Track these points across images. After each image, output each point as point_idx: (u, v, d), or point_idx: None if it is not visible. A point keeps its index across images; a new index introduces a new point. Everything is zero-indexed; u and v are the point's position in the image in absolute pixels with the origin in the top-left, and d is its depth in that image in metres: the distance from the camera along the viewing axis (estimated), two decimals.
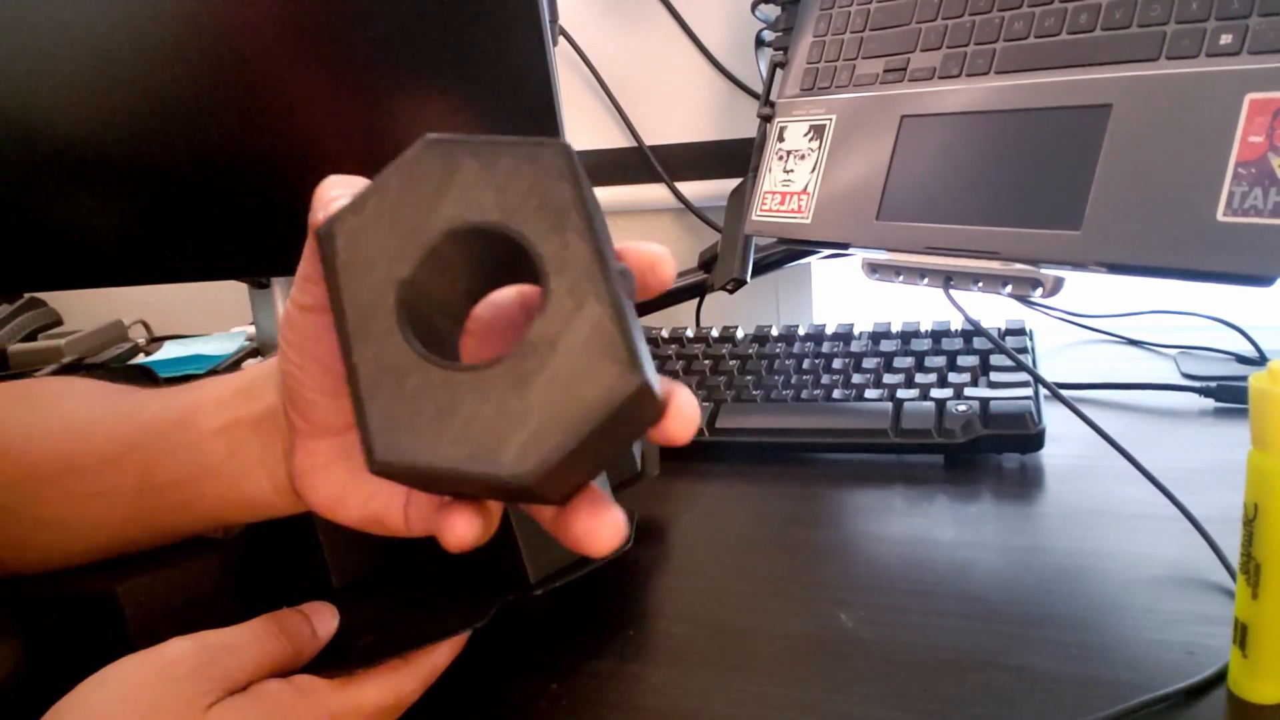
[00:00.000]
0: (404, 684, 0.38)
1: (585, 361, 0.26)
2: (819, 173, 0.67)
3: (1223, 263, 0.46)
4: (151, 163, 0.82)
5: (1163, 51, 0.51)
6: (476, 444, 0.26)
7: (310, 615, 0.39)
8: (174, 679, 0.33)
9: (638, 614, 0.48)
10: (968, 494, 0.56)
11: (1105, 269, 0.51)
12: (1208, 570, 0.45)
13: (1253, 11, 0.48)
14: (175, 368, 0.93)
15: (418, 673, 0.38)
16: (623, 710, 0.41)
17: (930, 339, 0.70)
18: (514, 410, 0.26)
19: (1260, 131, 0.46)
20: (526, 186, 0.28)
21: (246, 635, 0.36)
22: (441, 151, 0.29)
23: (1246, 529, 0.35)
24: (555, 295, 0.26)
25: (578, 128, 0.98)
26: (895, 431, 0.60)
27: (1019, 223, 0.55)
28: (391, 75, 0.75)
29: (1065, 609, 0.44)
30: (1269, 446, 0.34)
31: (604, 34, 0.96)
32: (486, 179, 0.28)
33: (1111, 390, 0.67)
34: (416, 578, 0.45)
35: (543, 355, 0.26)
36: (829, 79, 0.69)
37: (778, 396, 0.65)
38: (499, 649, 0.46)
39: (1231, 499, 0.36)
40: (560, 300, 0.26)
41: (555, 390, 0.26)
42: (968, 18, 0.61)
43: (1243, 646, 0.36)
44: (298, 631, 0.38)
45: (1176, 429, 0.61)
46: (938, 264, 0.59)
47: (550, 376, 0.26)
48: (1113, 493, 0.53)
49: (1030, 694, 0.38)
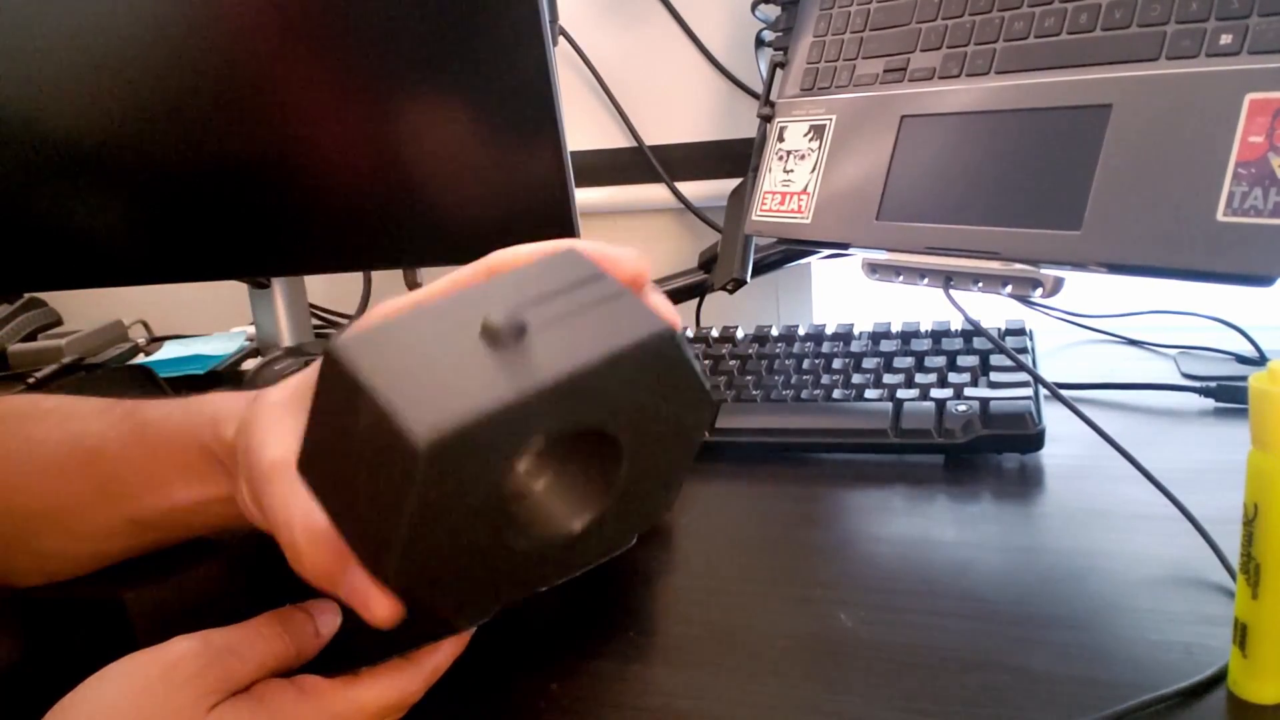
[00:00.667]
0: (407, 683, 0.38)
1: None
2: (819, 173, 0.67)
3: (1223, 263, 0.46)
4: (151, 163, 0.82)
5: (1163, 51, 0.51)
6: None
7: (313, 613, 0.39)
8: (177, 681, 0.33)
9: (638, 614, 0.48)
10: (968, 494, 0.56)
11: (1105, 269, 0.51)
12: (1207, 570, 0.45)
13: (1253, 11, 0.48)
14: (175, 368, 0.93)
15: (420, 671, 0.38)
16: (623, 710, 0.41)
17: (930, 339, 0.70)
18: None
19: (1260, 131, 0.46)
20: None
21: (250, 634, 0.36)
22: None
23: (1246, 529, 0.35)
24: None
25: (578, 128, 0.98)
26: (895, 431, 0.60)
27: (1019, 223, 0.55)
28: (391, 75, 0.74)
29: (1065, 609, 0.44)
30: (1269, 447, 0.34)
31: (604, 34, 0.96)
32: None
33: (1111, 390, 0.67)
34: None
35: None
36: (829, 79, 0.69)
37: (778, 396, 0.65)
38: (499, 649, 0.46)
39: (1231, 499, 0.36)
40: None
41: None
42: (968, 18, 0.61)
43: (1242, 647, 0.36)
44: (300, 629, 0.38)
45: (1176, 429, 0.61)
46: (938, 264, 0.59)
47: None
48: (1113, 493, 0.53)
49: (1030, 694, 0.38)
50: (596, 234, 1.02)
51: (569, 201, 0.74)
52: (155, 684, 0.33)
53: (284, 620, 0.37)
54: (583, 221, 0.78)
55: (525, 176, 0.74)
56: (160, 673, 0.33)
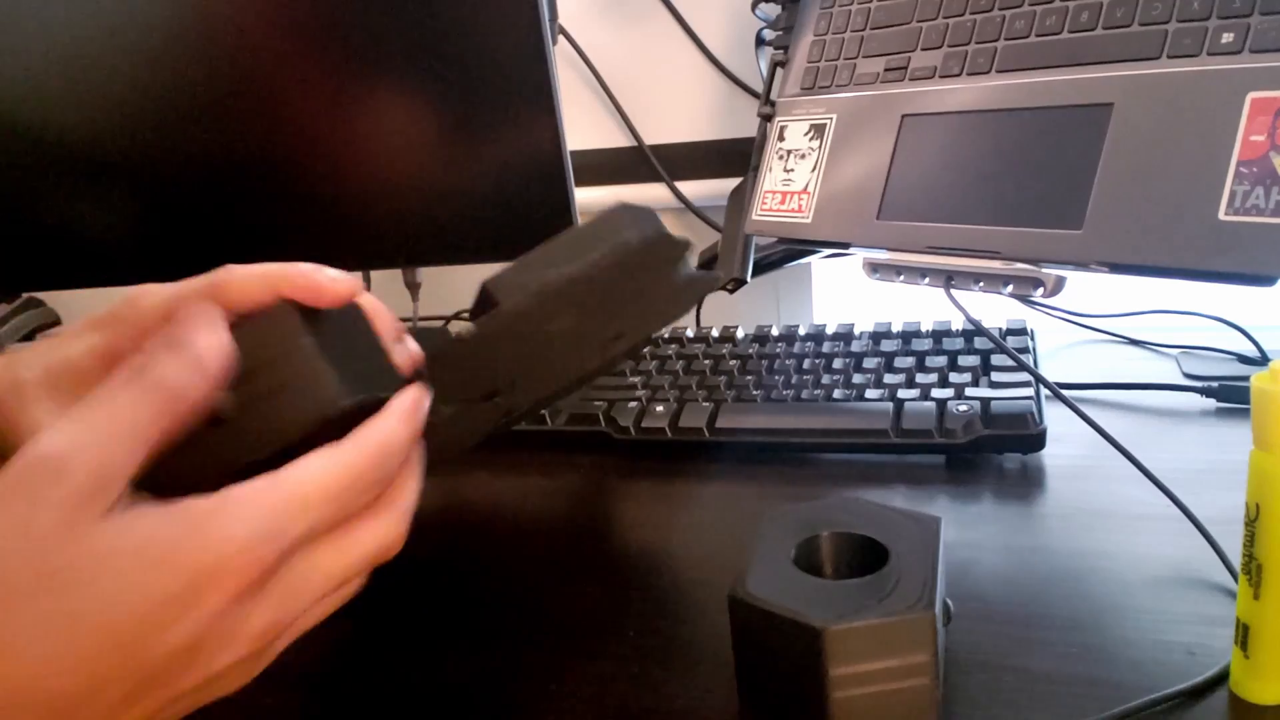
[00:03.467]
0: (354, 463, 0.31)
1: None
2: (819, 172, 0.67)
3: (1224, 262, 0.46)
4: (151, 163, 0.82)
5: (1164, 50, 0.51)
6: None
7: (184, 328, 0.30)
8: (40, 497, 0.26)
9: (638, 614, 0.47)
10: (969, 494, 0.56)
11: (1107, 268, 0.51)
12: (1209, 571, 0.45)
13: (1254, 10, 0.48)
14: None
15: (363, 451, 0.31)
16: (623, 710, 0.40)
17: (931, 339, 0.70)
18: None
19: (1262, 130, 0.46)
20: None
21: (108, 412, 0.28)
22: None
23: (1248, 529, 0.35)
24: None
25: (578, 127, 0.98)
26: (896, 432, 0.60)
27: (1020, 222, 0.54)
28: (391, 75, 0.74)
29: (1066, 609, 0.44)
30: (1270, 447, 0.34)
31: (604, 33, 0.96)
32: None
33: (1113, 390, 0.67)
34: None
35: None
36: (829, 78, 0.69)
37: (778, 396, 0.65)
38: (499, 649, 0.46)
39: (1233, 499, 0.36)
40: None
41: None
42: (969, 16, 0.61)
43: (1244, 647, 0.36)
44: (175, 375, 0.29)
45: (1178, 429, 0.61)
46: (939, 263, 0.59)
47: None
48: (1114, 493, 0.53)
49: (1031, 694, 0.38)
50: None
51: (569, 201, 0.74)
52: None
53: (144, 373, 0.29)
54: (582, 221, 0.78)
55: (525, 176, 0.74)
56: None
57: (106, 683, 0.27)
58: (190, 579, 0.27)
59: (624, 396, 0.68)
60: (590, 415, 0.67)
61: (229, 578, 0.28)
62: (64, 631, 0.26)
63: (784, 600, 0.37)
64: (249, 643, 0.29)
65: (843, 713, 0.36)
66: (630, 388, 0.70)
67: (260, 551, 0.28)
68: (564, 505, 0.61)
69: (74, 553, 0.26)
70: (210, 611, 0.28)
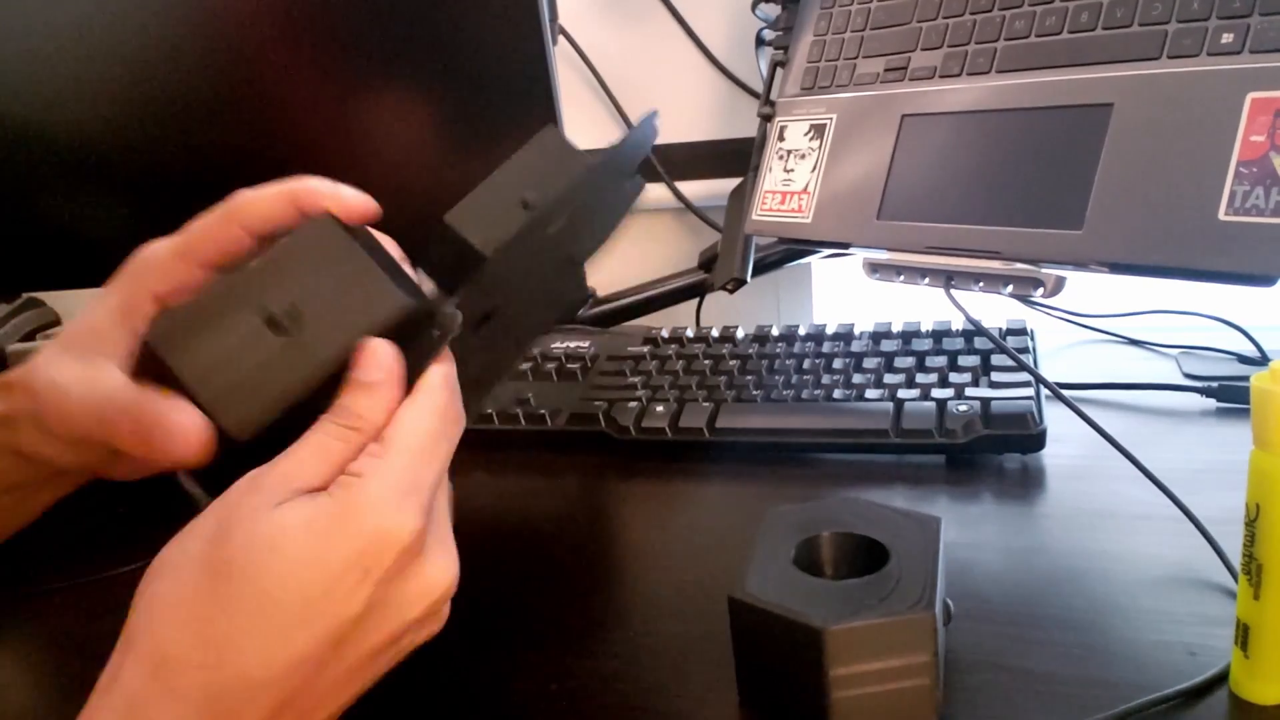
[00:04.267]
0: (435, 404, 0.33)
1: None
2: (819, 172, 0.67)
3: (1224, 262, 0.46)
4: (151, 163, 0.82)
5: (1164, 50, 0.51)
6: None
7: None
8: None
9: (638, 614, 0.47)
10: (969, 494, 0.56)
11: (1107, 268, 0.51)
12: (1209, 571, 0.45)
13: (1254, 10, 0.48)
14: None
15: (434, 390, 0.33)
16: (622, 710, 0.41)
17: (931, 339, 0.70)
18: None
19: (1262, 131, 0.46)
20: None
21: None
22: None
23: (1248, 529, 0.35)
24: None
25: (578, 127, 0.97)
26: (896, 432, 0.60)
27: (1020, 222, 0.54)
28: (391, 74, 0.74)
29: (1066, 609, 0.44)
30: (1270, 447, 0.34)
31: (604, 33, 0.96)
32: None
33: (1113, 390, 0.67)
34: None
35: None
36: (829, 78, 0.69)
37: (778, 396, 0.65)
38: (499, 649, 0.46)
39: (1233, 499, 0.36)
40: None
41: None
42: (968, 17, 0.61)
43: (1244, 647, 0.36)
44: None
45: (1178, 429, 0.61)
46: (939, 264, 0.59)
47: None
48: (1114, 493, 0.53)
49: (1031, 694, 0.38)
50: None
51: None
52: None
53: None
54: None
55: None
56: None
57: (304, 660, 0.29)
58: (360, 548, 0.30)
59: (624, 396, 0.68)
60: (590, 415, 0.67)
61: (390, 549, 0.30)
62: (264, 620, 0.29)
63: (784, 600, 0.37)
64: (429, 590, 0.32)
65: (843, 713, 0.36)
66: (630, 388, 0.70)
67: (411, 516, 0.31)
68: (564, 505, 0.61)
69: (243, 543, 0.29)
70: (381, 576, 0.30)
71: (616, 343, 0.78)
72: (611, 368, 0.74)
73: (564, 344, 0.80)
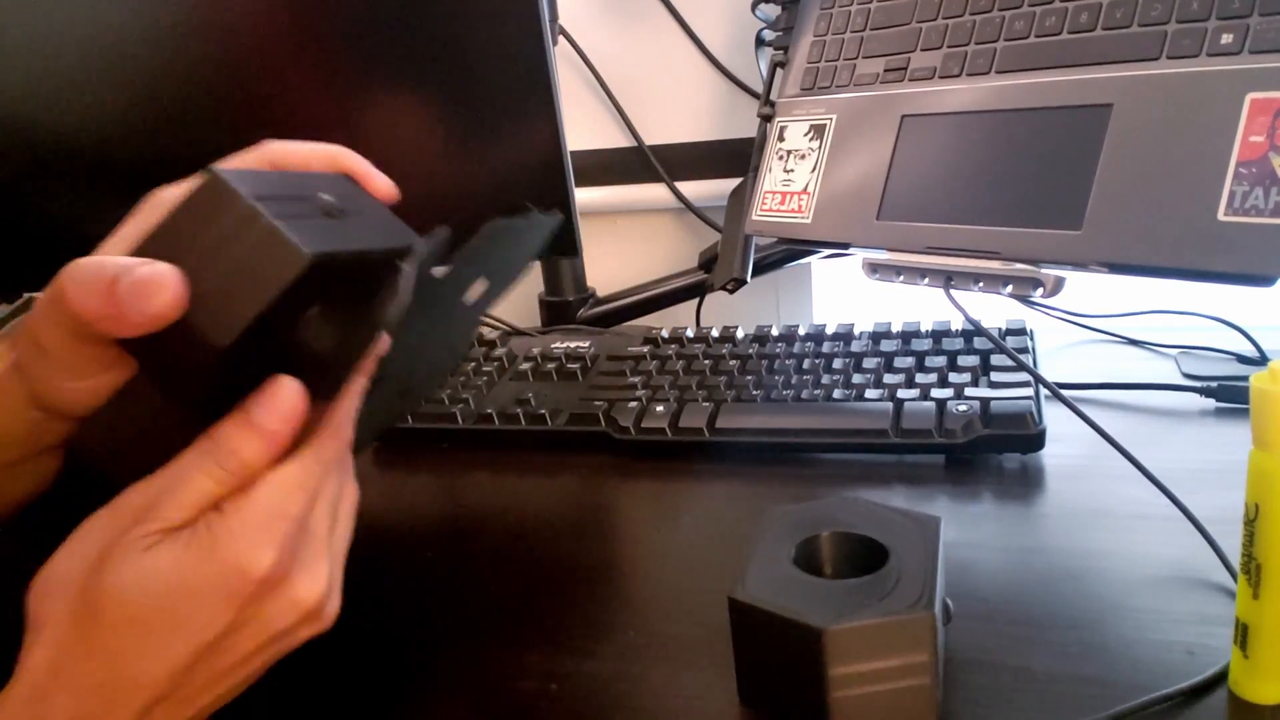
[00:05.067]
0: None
1: None
2: (819, 172, 0.67)
3: (1224, 262, 0.46)
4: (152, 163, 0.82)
5: (1163, 51, 0.51)
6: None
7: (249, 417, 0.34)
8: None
9: (638, 614, 0.47)
10: (968, 494, 0.56)
11: (1106, 269, 0.51)
12: (1208, 570, 0.45)
13: (1253, 11, 0.48)
14: None
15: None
16: (622, 711, 0.41)
17: (931, 339, 0.70)
18: None
19: (1261, 131, 0.46)
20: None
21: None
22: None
23: (1247, 529, 0.35)
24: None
25: (578, 128, 0.98)
26: (896, 432, 0.60)
27: (1020, 222, 0.55)
28: (391, 75, 0.74)
29: (1066, 609, 0.44)
30: (1270, 446, 0.34)
31: (604, 34, 0.96)
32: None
33: (1112, 390, 0.67)
34: None
35: None
36: (829, 78, 0.69)
37: (778, 396, 0.65)
38: (499, 649, 0.46)
39: (1232, 499, 0.36)
40: None
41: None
42: (968, 17, 0.61)
43: (1243, 647, 0.36)
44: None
45: (1177, 429, 0.61)
46: (938, 264, 0.59)
47: None
48: (1114, 493, 0.53)
49: (1031, 694, 0.38)
50: (596, 234, 1.02)
51: (569, 201, 0.74)
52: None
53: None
54: (582, 221, 0.78)
55: (525, 176, 0.74)
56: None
57: (175, 670, 0.32)
58: (220, 579, 0.32)
59: (624, 396, 0.68)
60: (590, 415, 0.67)
61: (248, 580, 0.32)
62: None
63: (784, 600, 0.37)
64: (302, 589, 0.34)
65: (842, 712, 0.36)
66: (630, 388, 0.70)
67: (267, 551, 0.33)
68: (564, 505, 0.61)
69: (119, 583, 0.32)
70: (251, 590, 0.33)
71: (616, 343, 0.78)
72: (611, 368, 0.74)
73: (564, 344, 0.80)
